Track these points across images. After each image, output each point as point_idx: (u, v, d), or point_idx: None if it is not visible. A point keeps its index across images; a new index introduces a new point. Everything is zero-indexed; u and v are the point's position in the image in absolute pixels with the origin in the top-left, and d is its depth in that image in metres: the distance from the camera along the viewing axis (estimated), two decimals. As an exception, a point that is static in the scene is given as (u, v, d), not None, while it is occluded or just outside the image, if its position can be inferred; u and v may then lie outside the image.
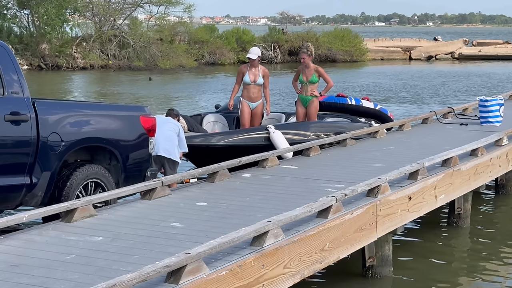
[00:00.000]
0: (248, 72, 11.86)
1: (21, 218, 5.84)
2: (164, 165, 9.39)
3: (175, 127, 9.60)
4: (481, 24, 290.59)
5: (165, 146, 9.30)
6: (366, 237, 6.76)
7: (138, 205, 6.95)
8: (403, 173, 7.78)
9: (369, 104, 13.55)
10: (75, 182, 7.30)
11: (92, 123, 7.56)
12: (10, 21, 38.80)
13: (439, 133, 11.93)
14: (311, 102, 12.20)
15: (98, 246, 5.55)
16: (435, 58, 53.92)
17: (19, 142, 6.95)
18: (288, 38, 47.55)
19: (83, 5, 40.71)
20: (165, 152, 9.32)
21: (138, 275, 4.38)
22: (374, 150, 10.18)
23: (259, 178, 8.29)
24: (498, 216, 10.42)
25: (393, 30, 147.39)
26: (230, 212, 6.66)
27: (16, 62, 7.19)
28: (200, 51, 42.93)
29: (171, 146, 9.40)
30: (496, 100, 12.79)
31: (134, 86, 31.19)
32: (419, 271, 7.79)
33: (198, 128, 11.87)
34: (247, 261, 5.13)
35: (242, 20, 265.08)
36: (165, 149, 9.31)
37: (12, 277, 4.85)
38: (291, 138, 11.22)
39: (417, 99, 26.19)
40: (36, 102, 7.14)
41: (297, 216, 5.87)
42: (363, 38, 51.76)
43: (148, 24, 43.74)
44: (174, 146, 9.44)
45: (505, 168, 10.41)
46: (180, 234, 5.89)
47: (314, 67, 12.28)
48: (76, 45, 39.49)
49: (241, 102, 11.82)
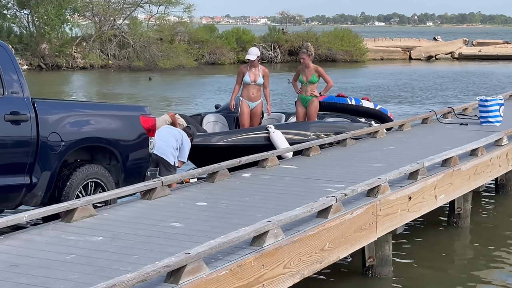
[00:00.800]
0: (248, 72, 11.86)
1: (21, 218, 5.84)
2: (159, 164, 9.37)
3: (178, 135, 9.59)
4: (481, 24, 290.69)
5: (159, 144, 9.29)
6: (366, 237, 6.76)
7: (138, 205, 6.95)
8: (403, 173, 7.78)
9: (369, 104, 13.55)
10: (75, 182, 7.30)
11: (92, 123, 7.56)
12: (10, 21, 38.80)
13: (439, 133, 11.93)
14: (311, 102, 12.20)
15: (98, 246, 5.55)
16: (435, 58, 53.93)
17: (19, 142, 6.94)
18: (288, 38, 47.57)
19: (83, 5, 40.71)
20: (158, 150, 9.30)
21: (138, 275, 4.38)
22: (374, 150, 10.18)
23: (259, 178, 8.29)
24: (498, 216, 10.42)
25: (393, 30, 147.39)
26: (230, 212, 6.66)
27: (16, 62, 7.19)
28: (200, 51, 42.95)
29: (166, 146, 9.37)
30: (496, 100, 12.79)
31: (134, 86, 31.20)
32: (419, 271, 7.79)
33: (198, 128, 11.86)
34: (247, 261, 5.13)
35: (242, 20, 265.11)
36: (159, 147, 9.29)
37: (12, 277, 4.85)
38: (291, 138, 11.21)
39: (417, 99, 26.19)
40: (36, 102, 7.14)
41: (297, 216, 5.87)
42: (363, 38, 51.75)
43: (148, 24, 43.75)
44: (169, 146, 9.40)
45: (505, 168, 10.42)
46: (180, 234, 5.89)
47: (314, 67, 12.28)
48: (76, 45, 39.50)
49: (241, 102, 11.82)
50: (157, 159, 9.29)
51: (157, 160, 9.30)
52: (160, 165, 9.36)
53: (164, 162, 9.35)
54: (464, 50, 55.36)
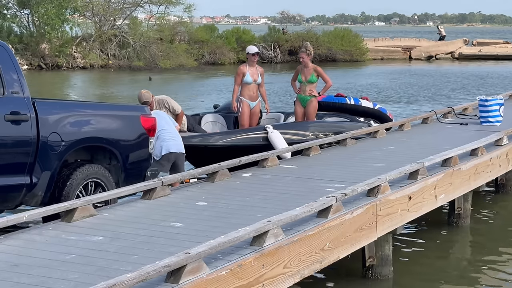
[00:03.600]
0: (248, 71, 11.86)
1: (21, 218, 5.84)
2: (176, 162, 9.40)
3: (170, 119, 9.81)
4: (481, 24, 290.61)
5: (173, 143, 9.36)
6: (366, 237, 6.76)
7: (138, 205, 6.95)
8: (403, 173, 7.78)
9: (368, 104, 13.54)
10: (75, 182, 7.30)
11: (92, 123, 7.56)
12: (10, 21, 38.79)
13: (439, 133, 11.93)
14: (310, 102, 12.19)
15: (98, 246, 5.55)
16: (435, 58, 53.89)
17: (19, 142, 6.95)
18: (288, 38, 47.56)
19: (83, 5, 40.68)
20: (175, 147, 9.36)
21: (138, 275, 4.38)
22: (374, 150, 10.18)
23: (259, 178, 8.29)
24: (498, 216, 10.42)
25: (393, 30, 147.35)
26: (230, 212, 6.66)
27: (16, 62, 7.19)
28: (200, 51, 42.92)
29: (178, 139, 9.54)
30: (496, 99, 12.78)
31: (134, 86, 31.18)
32: (419, 271, 7.79)
33: (197, 128, 11.86)
34: (247, 261, 5.13)
35: (242, 19, 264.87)
36: (176, 144, 9.39)
37: (12, 276, 4.85)
38: (289, 138, 11.20)
39: (417, 99, 26.18)
40: (36, 102, 7.14)
41: (297, 216, 5.87)
42: (363, 38, 51.73)
43: (148, 24, 43.74)
44: (179, 138, 9.60)
45: (505, 168, 10.41)
46: (180, 234, 5.89)
47: (312, 67, 12.27)
48: (76, 44, 39.49)
49: (242, 102, 11.78)
50: (175, 156, 9.34)
51: (176, 158, 9.36)
52: (177, 162, 9.39)
53: (181, 157, 9.42)
54: (464, 50, 55.31)
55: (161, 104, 10.84)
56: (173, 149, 9.33)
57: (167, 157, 9.28)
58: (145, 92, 10.35)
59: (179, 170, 9.21)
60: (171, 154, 9.32)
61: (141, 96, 10.14)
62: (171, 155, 9.31)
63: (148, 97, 10.30)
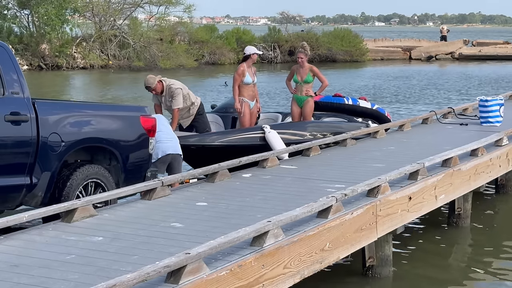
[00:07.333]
0: (247, 72, 11.86)
1: (21, 218, 5.84)
2: (172, 163, 9.39)
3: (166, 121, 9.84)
4: (481, 24, 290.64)
5: (170, 144, 9.36)
6: (366, 237, 6.76)
7: (138, 205, 6.95)
8: (403, 173, 7.78)
9: (366, 104, 13.50)
10: (75, 182, 7.30)
11: (92, 123, 7.56)
12: (10, 21, 38.76)
13: (439, 133, 11.93)
14: (307, 102, 12.17)
15: (98, 246, 5.55)
16: (435, 58, 53.89)
17: (19, 142, 6.95)
18: (288, 38, 47.57)
19: (83, 5, 40.68)
20: (171, 149, 9.35)
21: (138, 275, 4.38)
22: (374, 150, 10.18)
23: (259, 178, 8.29)
24: (498, 216, 10.42)
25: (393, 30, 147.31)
26: (230, 212, 6.66)
27: (16, 62, 7.19)
28: (200, 51, 42.93)
29: (175, 140, 9.51)
30: (496, 100, 12.78)
31: (134, 86, 31.17)
32: (419, 271, 7.79)
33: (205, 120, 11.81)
34: (247, 261, 5.13)
35: (242, 20, 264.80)
36: (172, 146, 9.38)
37: (12, 277, 4.85)
38: (287, 138, 11.16)
39: (416, 99, 26.18)
40: (36, 102, 7.14)
41: (297, 216, 5.87)
42: (363, 38, 51.73)
43: (148, 24, 43.73)
44: (176, 139, 9.57)
45: (505, 168, 10.41)
46: (180, 234, 5.89)
47: (308, 67, 12.25)
48: (76, 45, 39.48)
49: (244, 102, 11.74)
50: (172, 157, 9.34)
51: (172, 158, 9.34)
52: (173, 163, 9.37)
53: (178, 158, 9.42)
54: (464, 50, 55.29)
55: (167, 91, 10.89)
56: (170, 151, 9.32)
57: (163, 160, 9.26)
58: (149, 77, 10.49)
59: (175, 171, 9.20)
60: (168, 156, 9.30)
61: (145, 81, 10.38)
62: (167, 156, 9.29)
63: (151, 82, 10.36)
